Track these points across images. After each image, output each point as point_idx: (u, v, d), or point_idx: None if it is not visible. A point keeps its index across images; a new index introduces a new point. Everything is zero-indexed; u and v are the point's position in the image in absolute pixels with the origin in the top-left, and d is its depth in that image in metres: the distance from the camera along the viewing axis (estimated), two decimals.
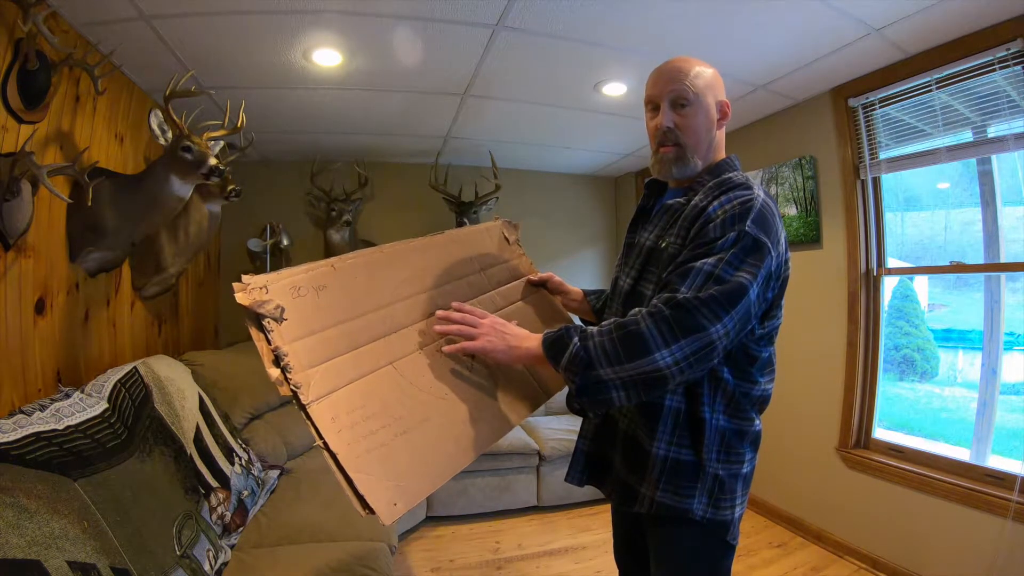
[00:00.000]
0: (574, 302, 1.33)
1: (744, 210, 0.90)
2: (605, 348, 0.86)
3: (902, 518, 2.16)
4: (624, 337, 0.86)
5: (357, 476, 0.76)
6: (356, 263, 0.99)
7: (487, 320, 1.00)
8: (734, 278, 0.86)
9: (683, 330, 0.83)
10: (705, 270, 0.87)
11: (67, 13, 1.71)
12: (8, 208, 1.43)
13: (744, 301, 0.85)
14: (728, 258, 0.87)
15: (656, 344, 0.83)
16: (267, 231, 3.38)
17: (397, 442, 0.84)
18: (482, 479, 2.90)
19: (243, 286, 0.82)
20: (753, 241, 0.88)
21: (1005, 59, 1.84)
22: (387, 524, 0.76)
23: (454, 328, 0.99)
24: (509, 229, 1.37)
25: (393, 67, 2.23)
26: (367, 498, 0.75)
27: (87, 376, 1.78)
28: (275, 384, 0.80)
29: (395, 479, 0.80)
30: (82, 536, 1.02)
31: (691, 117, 1.02)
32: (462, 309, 1.03)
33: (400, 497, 0.79)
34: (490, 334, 0.98)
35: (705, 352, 0.84)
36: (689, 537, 0.99)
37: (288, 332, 0.83)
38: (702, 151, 1.04)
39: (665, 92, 1.03)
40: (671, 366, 0.83)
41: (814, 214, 2.59)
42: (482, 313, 1.03)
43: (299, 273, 0.90)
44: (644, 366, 0.84)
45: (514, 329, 1.00)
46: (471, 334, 0.98)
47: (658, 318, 0.85)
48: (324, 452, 0.77)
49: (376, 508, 0.75)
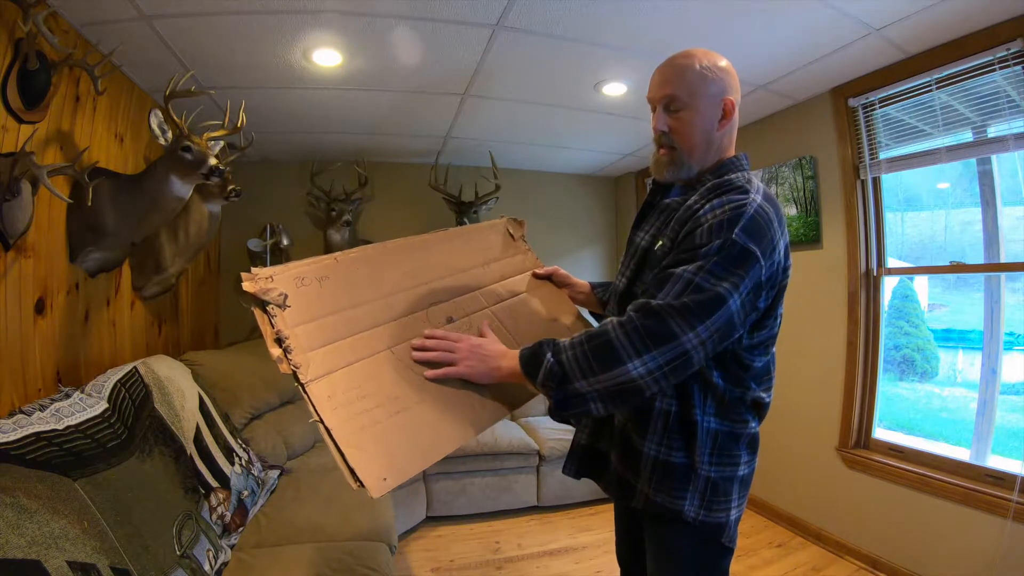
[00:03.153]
0: (581, 294, 1.32)
1: (734, 216, 0.86)
2: (578, 360, 0.85)
3: (902, 518, 2.16)
4: (595, 348, 0.85)
5: (349, 450, 0.80)
6: (359, 256, 1.04)
7: (463, 344, 0.98)
8: (713, 288, 0.83)
9: (654, 339, 0.82)
10: (685, 277, 0.84)
11: (67, 13, 1.71)
12: (8, 208, 1.43)
13: (722, 311, 0.83)
14: (709, 267, 0.84)
15: (627, 354, 0.82)
16: (267, 231, 3.39)
17: (391, 421, 0.87)
18: (482, 479, 2.90)
19: (251, 275, 0.89)
20: (740, 250, 0.84)
21: (1005, 59, 1.84)
22: (375, 497, 0.79)
23: (432, 355, 0.97)
24: (514, 226, 1.37)
25: (393, 67, 2.23)
26: (357, 471, 0.78)
27: (87, 376, 1.78)
28: (276, 362, 0.85)
29: (386, 456, 0.83)
30: (82, 536, 1.02)
31: (685, 120, 0.99)
32: (434, 335, 0.99)
33: (390, 472, 0.81)
34: (469, 358, 0.96)
35: (679, 362, 0.82)
36: (683, 538, 0.98)
37: (291, 318, 0.89)
38: (698, 154, 1.01)
39: (659, 95, 1.02)
40: (644, 376, 0.82)
41: (814, 214, 2.59)
42: (456, 336, 1.00)
43: (304, 265, 0.96)
44: (617, 377, 0.82)
45: (491, 348, 0.98)
46: (451, 360, 0.96)
47: (628, 327, 0.84)
48: (320, 427, 0.81)
49: (366, 482, 0.78)
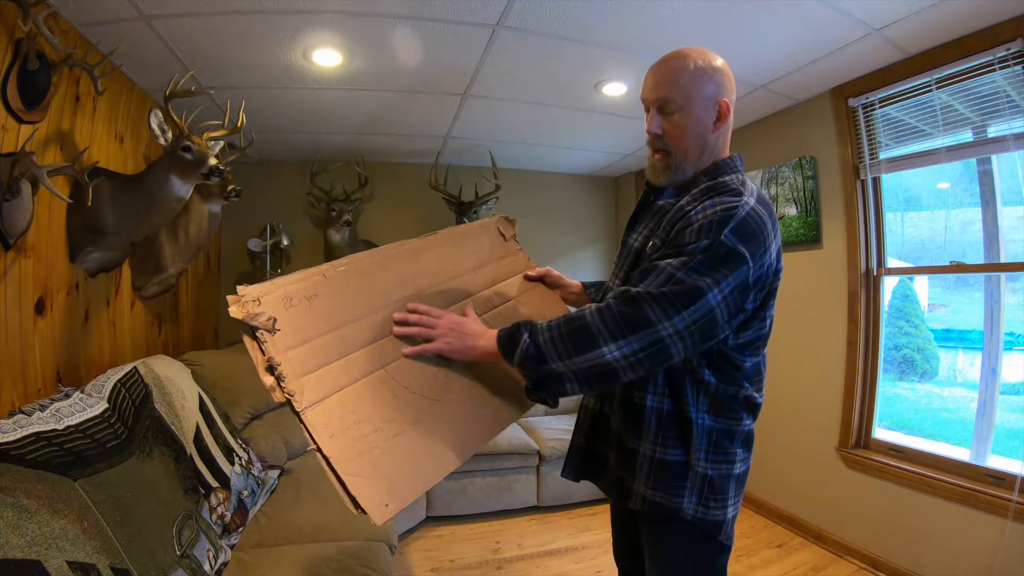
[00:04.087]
0: (573, 295, 1.32)
1: (725, 218, 0.87)
2: (554, 341, 0.87)
3: (902, 518, 2.16)
4: (572, 332, 0.87)
5: (349, 478, 0.79)
6: (347, 270, 0.99)
7: (443, 320, 0.99)
8: (693, 281, 0.83)
9: (629, 324, 0.83)
10: (667, 271, 0.86)
11: (67, 13, 1.71)
12: (8, 208, 1.43)
13: (700, 304, 0.83)
14: (694, 264, 0.85)
15: (603, 338, 0.84)
16: (267, 231, 3.38)
17: (389, 445, 0.86)
18: (482, 479, 2.90)
19: (237, 299, 0.84)
20: (727, 251, 0.85)
21: (1005, 59, 1.84)
22: (378, 524, 0.78)
23: (412, 330, 0.98)
24: (505, 225, 1.35)
25: (393, 67, 2.23)
26: (358, 499, 0.78)
27: (87, 376, 1.78)
28: (269, 391, 0.82)
29: (387, 481, 0.82)
30: (82, 536, 1.02)
31: (679, 124, 0.99)
32: (417, 309, 1.00)
33: (391, 498, 0.81)
34: (448, 335, 0.98)
35: (655, 349, 0.83)
36: (681, 536, 0.98)
37: (281, 342, 0.85)
38: (693, 157, 1.01)
39: (652, 97, 1.01)
40: (619, 360, 0.83)
41: (814, 214, 2.59)
42: (439, 313, 1.01)
43: (291, 284, 0.91)
44: (592, 359, 0.84)
45: (471, 327, 0.99)
46: (429, 335, 0.97)
47: (605, 313, 0.85)
48: (318, 455, 0.79)
49: (368, 509, 0.78)
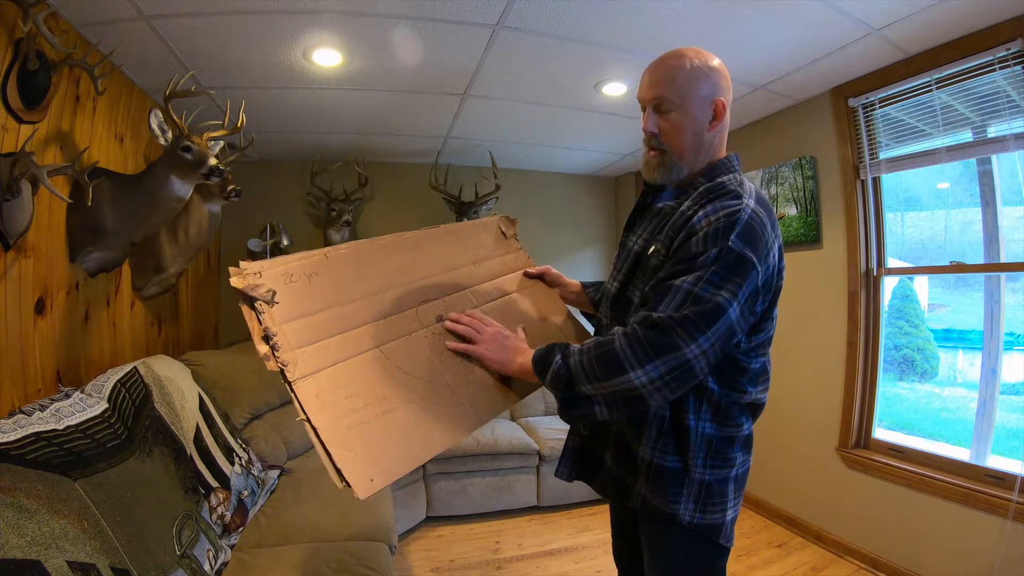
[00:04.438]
0: (572, 294, 1.32)
1: (729, 223, 0.87)
2: (583, 366, 0.89)
3: (902, 518, 2.16)
4: (600, 356, 0.88)
5: (336, 450, 0.79)
6: (349, 253, 1.03)
7: (491, 329, 1.05)
8: (713, 298, 0.84)
9: (656, 350, 0.84)
10: (684, 288, 0.85)
11: (67, 13, 1.71)
12: (8, 208, 1.43)
13: (723, 321, 0.84)
14: (708, 276, 0.85)
15: (630, 364, 0.84)
16: (267, 231, 3.39)
17: (379, 421, 0.87)
18: (482, 479, 2.90)
19: (239, 271, 0.88)
20: (736, 258, 0.85)
21: (1005, 59, 1.84)
22: (362, 498, 0.78)
23: (461, 328, 1.05)
24: (506, 224, 1.36)
25: (393, 67, 2.23)
26: (344, 471, 0.78)
27: (87, 376, 1.78)
28: (263, 359, 0.84)
29: (373, 456, 0.83)
30: (82, 536, 1.02)
31: (675, 123, 0.99)
32: (473, 315, 1.08)
33: (377, 473, 0.81)
34: (491, 342, 1.03)
35: (681, 372, 0.84)
36: (679, 539, 0.98)
37: (279, 314, 0.88)
38: (689, 156, 1.01)
39: (648, 96, 1.01)
40: (646, 385, 0.84)
41: (814, 214, 2.59)
42: (489, 321, 1.07)
43: (293, 261, 0.95)
44: (620, 384, 0.85)
45: (514, 342, 1.04)
46: (475, 338, 1.04)
47: (632, 338, 0.86)
48: (307, 426, 0.80)
49: (352, 482, 0.78)
